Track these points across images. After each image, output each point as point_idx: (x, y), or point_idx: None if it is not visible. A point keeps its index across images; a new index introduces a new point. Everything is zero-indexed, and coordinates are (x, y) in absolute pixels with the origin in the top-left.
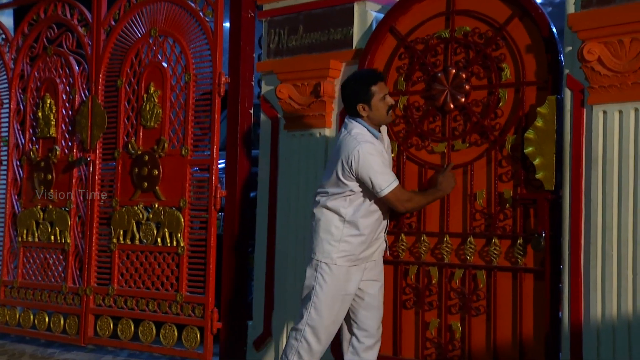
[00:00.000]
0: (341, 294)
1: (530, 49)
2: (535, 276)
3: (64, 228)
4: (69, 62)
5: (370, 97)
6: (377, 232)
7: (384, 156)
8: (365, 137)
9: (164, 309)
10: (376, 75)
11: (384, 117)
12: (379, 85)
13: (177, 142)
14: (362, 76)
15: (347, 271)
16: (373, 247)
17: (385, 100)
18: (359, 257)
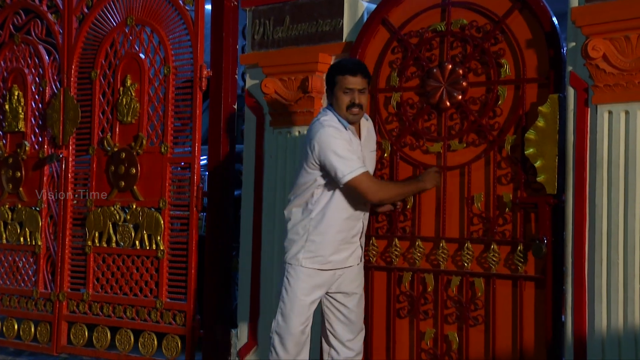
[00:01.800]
0: (309, 298)
1: (531, 44)
2: (537, 284)
3: (35, 229)
4: (38, 51)
5: (333, 84)
6: (349, 235)
7: (351, 145)
8: (331, 123)
9: (143, 316)
10: (348, 68)
11: (343, 111)
12: (347, 77)
13: (156, 138)
14: (338, 63)
15: (315, 274)
16: (345, 251)
17: (345, 94)
18: (328, 259)
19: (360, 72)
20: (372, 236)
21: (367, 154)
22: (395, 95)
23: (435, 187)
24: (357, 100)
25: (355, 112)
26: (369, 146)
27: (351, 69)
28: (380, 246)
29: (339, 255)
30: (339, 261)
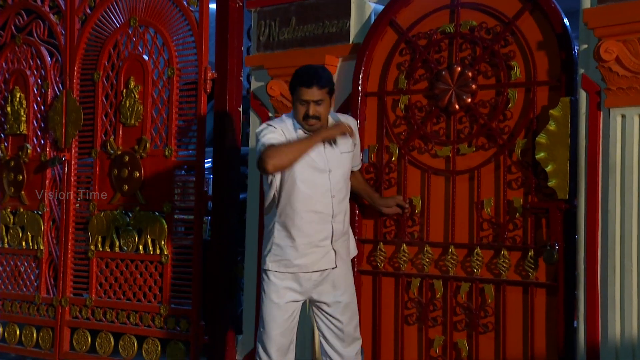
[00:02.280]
0: (282, 300)
1: (542, 46)
2: (548, 291)
3: (37, 233)
4: (40, 52)
5: (292, 93)
6: (316, 238)
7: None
8: (281, 122)
9: (147, 322)
10: (303, 79)
11: (300, 120)
12: (303, 90)
13: (160, 141)
14: (297, 72)
15: (284, 277)
16: (313, 255)
17: (301, 105)
18: (294, 263)
19: (316, 83)
20: (379, 241)
21: (337, 155)
22: (404, 98)
23: (325, 138)
24: (312, 112)
25: (312, 124)
26: (341, 148)
27: (305, 81)
28: (388, 252)
29: (306, 259)
30: (307, 265)
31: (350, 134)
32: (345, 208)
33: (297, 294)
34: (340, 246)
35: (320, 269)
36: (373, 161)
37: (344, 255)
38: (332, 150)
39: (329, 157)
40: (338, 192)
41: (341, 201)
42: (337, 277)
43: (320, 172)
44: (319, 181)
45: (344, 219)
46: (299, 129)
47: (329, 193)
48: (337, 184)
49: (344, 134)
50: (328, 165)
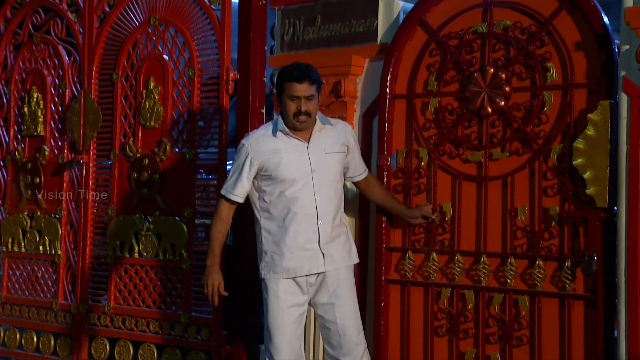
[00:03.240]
0: (282, 305)
1: (580, 47)
2: (586, 303)
3: (54, 237)
4: (57, 51)
5: (281, 90)
6: (301, 241)
7: (264, 160)
8: (257, 132)
9: (167, 330)
10: (294, 74)
11: (289, 118)
12: (293, 84)
13: (181, 144)
14: (285, 68)
15: (278, 282)
16: (300, 259)
17: (293, 102)
18: (283, 267)
19: (307, 78)
20: (408, 249)
21: (321, 155)
22: (433, 100)
23: (206, 282)
24: (304, 107)
25: (302, 120)
26: (326, 148)
27: (297, 76)
28: (417, 260)
29: (294, 262)
30: (295, 268)
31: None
32: (334, 209)
33: (298, 297)
34: (332, 249)
35: (310, 273)
36: (401, 166)
37: (338, 259)
38: (316, 149)
39: (312, 157)
40: (323, 192)
41: (328, 202)
42: (333, 280)
43: (304, 173)
44: (302, 182)
45: (332, 220)
46: (280, 131)
47: (312, 194)
48: (321, 184)
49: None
50: (311, 165)
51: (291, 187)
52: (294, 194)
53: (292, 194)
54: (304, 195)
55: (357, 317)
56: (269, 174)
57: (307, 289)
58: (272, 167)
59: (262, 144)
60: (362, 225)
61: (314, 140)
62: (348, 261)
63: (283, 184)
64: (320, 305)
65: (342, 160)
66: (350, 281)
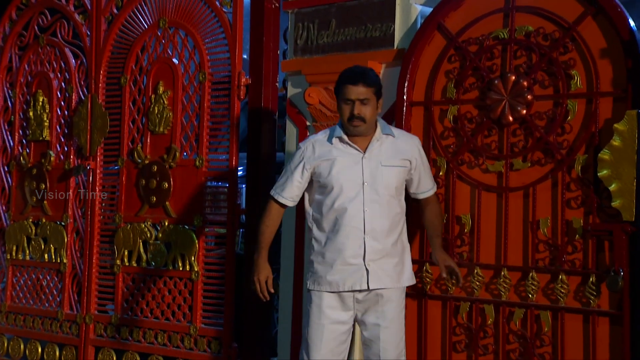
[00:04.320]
0: (326, 322)
1: (606, 54)
2: (612, 320)
3: (60, 245)
4: (64, 54)
5: (337, 94)
6: (346, 255)
7: (316, 165)
8: (316, 136)
9: (175, 342)
10: (347, 76)
11: (345, 122)
12: (348, 87)
13: (190, 150)
14: (344, 71)
15: (322, 296)
16: (343, 273)
17: (348, 105)
18: (327, 280)
19: (362, 80)
20: (425, 262)
21: (376, 167)
22: (452, 108)
23: (256, 276)
24: (357, 111)
25: (356, 125)
26: (384, 161)
27: (351, 78)
28: (435, 273)
29: (337, 276)
30: (337, 282)
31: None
32: (387, 226)
33: (341, 313)
34: (379, 267)
35: (353, 289)
36: None
37: (385, 279)
38: (371, 160)
39: (366, 168)
40: (374, 206)
41: (379, 217)
42: (383, 300)
43: (355, 184)
44: (352, 193)
45: (384, 237)
46: (336, 137)
47: (362, 206)
48: (373, 198)
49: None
50: (363, 176)
51: (340, 197)
52: (343, 204)
53: (341, 204)
54: (353, 207)
55: (399, 342)
56: (319, 180)
57: (353, 305)
58: (323, 173)
59: (317, 149)
60: None
61: (371, 150)
62: (397, 283)
63: (333, 192)
64: (365, 324)
65: (402, 175)
66: (399, 304)
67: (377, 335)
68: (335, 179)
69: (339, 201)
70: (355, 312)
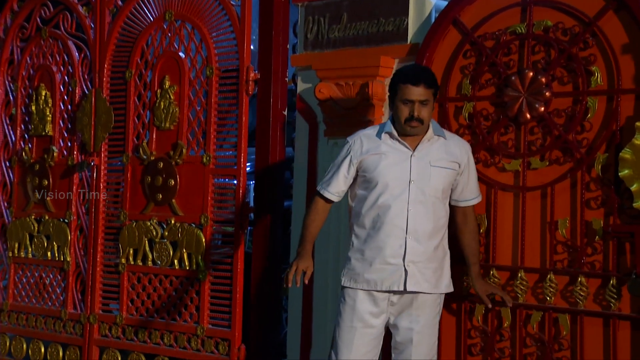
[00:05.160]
0: (358, 325)
1: (628, 49)
2: (633, 325)
3: (63, 243)
4: (67, 47)
5: (394, 92)
6: (385, 253)
7: (363, 159)
8: (364, 131)
9: (182, 343)
10: (409, 76)
11: (400, 123)
12: (408, 87)
13: (197, 147)
14: (401, 69)
15: (357, 295)
16: (382, 272)
17: (406, 106)
18: (364, 277)
19: (424, 81)
20: None
21: (425, 166)
22: (468, 105)
23: (298, 264)
24: (417, 113)
25: (414, 126)
26: (434, 161)
27: (412, 78)
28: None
29: (375, 274)
30: (375, 281)
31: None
32: (431, 229)
33: (375, 317)
34: (418, 270)
35: (390, 289)
36: None
37: (423, 283)
38: (420, 159)
39: (414, 166)
40: (419, 206)
41: (423, 218)
42: (418, 305)
43: (401, 181)
44: (397, 191)
45: (427, 239)
46: (386, 133)
47: (406, 205)
48: (417, 197)
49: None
50: (410, 175)
51: (385, 194)
52: (387, 201)
53: (384, 201)
54: (397, 205)
55: (431, 348)
56: (365, 175)
57: (387, 308)
58: (369, 168)
59: (365, 143)
60: None
61: (421, 149)
62: (434, 289)
63: (378, 188)
64: (398, 328)
65: (450, 178)
66: (434, 310)
67: (409, 339)
68: (381, 175)
69: (383, 198)
70: (388, 315)
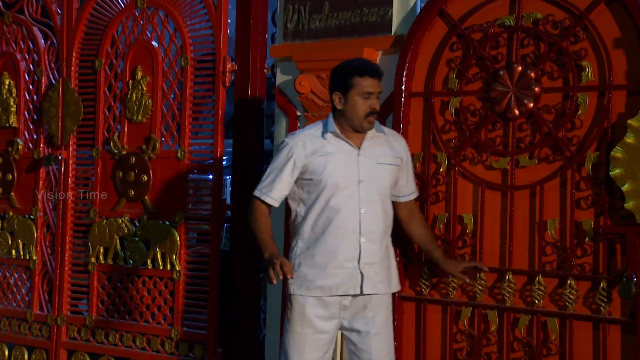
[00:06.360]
0: (308, 332)
1: (620, 44)
2: (623, 329)
3: (29, 241)
4: (32, 34)
5: (349, 86)
6: (339, 258)
7: (308, 162)
8: (304, 131)
9: (155, 346)
10: (369, 69)
11: (359, 118)
12: (367, 79)
13: (172, 141)
14: (352, 62)
15: (308, 302)
16: (336, 277)
17: (366, 100)
18: (316, 284)
19: (380, 72)
20: (425, 264)
21: (372, 165)
22: (454, 100)
23: (269, 262)
24: (377, 106)
25: (372, 120)
26: (379, 158)
27: (371, 70)
28: (434, 276)
29: (329, 280)
30: (330, 287)
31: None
32: (382, 228)
33: (325, 322)
34: (373, 272)
35: (346, 294)
36: (418, 171)
37: (379, 284)
38: (367, 158)
39: (361, 166)
40: (369, 206)
41: (374, 218)
42: (373, 306)
43: (350, 182)
44: (347, 192)
45: (379, 239)
46: (331, 132)
47: (357, 206)
48: (368, 197)
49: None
50: (359, 175)
51: (335, 196)
52: (337, 204)
53: (335, 204)
54: (348, 207)
55: (390, 350)
56: (311, 179)
57: (338, 313)
58: (317, 170)
59: (309, 144)
60: None
61: (366, 147)
62: (388, 289)
63: (326, 191)
64: (354, 332)
65: (394, 174)
66: (389, 310)
67: (367, 342)
68: (330, 177)
69: (334, 200)
70: (340, 320)
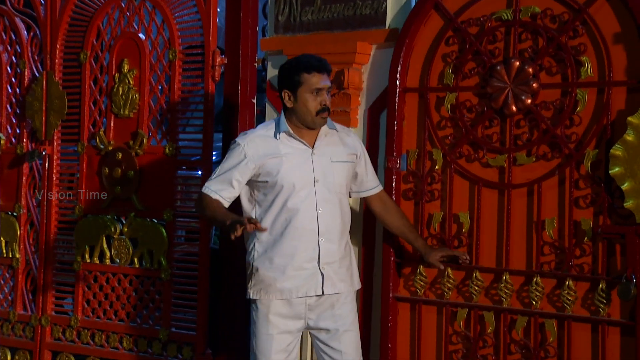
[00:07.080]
0: (273, 332)
1: (620, 39)
2: (623, 331)
3: (12, 239)
4: (14, 24)
5: (297, 84)
6: (299, 259)
7: (262, 164)
8: (256, 131)
9: (143, 347)
10: (317, 65)
11: (310, 116)
12: (315, 75)
13: (160, 137)
14: (299, 59)
15: (270, 304)
16: (296, 279)
17: (316, 96)
18: (277, 288)
19: (327, 69)
20: (419, 264)
21: (327, 163)
22: (450, 96)
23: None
24: (327, 102)
25: (325, 117)
26: (332, 156)
27: (318, 65)
28: (430, 276)
29: (289, 282)
30: (290, 289)
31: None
32: (340, 227)
33: (290, 320)
34: (333, 271)
35: (307, 295)
36: (412, 169)
37: (339, 283)
38: (321, 157)
39: (316, 165)
40: (327, 205)
41: (332, 217)
42: (339, 304)
43: (306, 182)
44: (303, 193)
45: (337, 239)
46: (284, 132)
47: (314, 206)
48: (324, 196)
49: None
50: (314, 174)
51: (292, 198)
52: (295, 205)
53: (292, 205)
54: (305, 207)
55: (359, 347)
56: (266, 180)
57: (304, 313)
58: (271, 172)
59: (261, 145)
60: (367, 236)
61: (319, 146)
62: (350, 286)
63: (282, 193)
64: (322, 331)
65: (350, 172)
66: (354, 306)
67: (337, 340)
68: (285, 178)
69: (291, 201)
70: (306, 320)
